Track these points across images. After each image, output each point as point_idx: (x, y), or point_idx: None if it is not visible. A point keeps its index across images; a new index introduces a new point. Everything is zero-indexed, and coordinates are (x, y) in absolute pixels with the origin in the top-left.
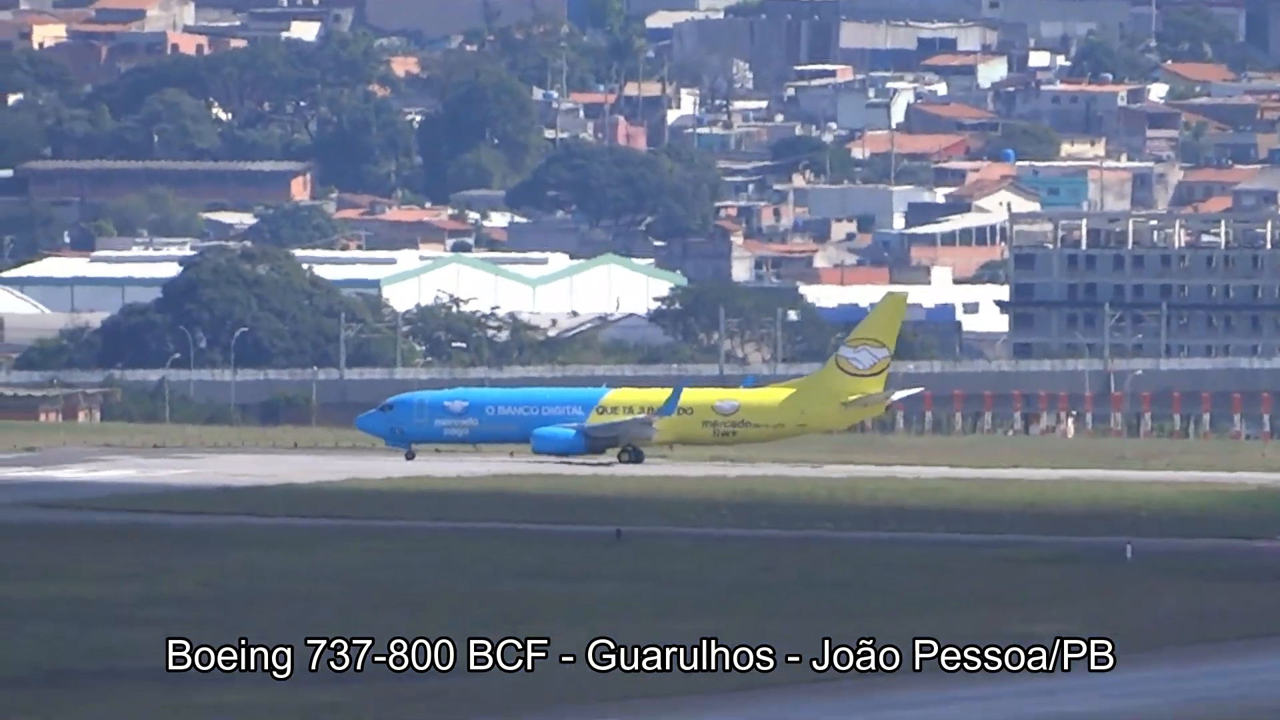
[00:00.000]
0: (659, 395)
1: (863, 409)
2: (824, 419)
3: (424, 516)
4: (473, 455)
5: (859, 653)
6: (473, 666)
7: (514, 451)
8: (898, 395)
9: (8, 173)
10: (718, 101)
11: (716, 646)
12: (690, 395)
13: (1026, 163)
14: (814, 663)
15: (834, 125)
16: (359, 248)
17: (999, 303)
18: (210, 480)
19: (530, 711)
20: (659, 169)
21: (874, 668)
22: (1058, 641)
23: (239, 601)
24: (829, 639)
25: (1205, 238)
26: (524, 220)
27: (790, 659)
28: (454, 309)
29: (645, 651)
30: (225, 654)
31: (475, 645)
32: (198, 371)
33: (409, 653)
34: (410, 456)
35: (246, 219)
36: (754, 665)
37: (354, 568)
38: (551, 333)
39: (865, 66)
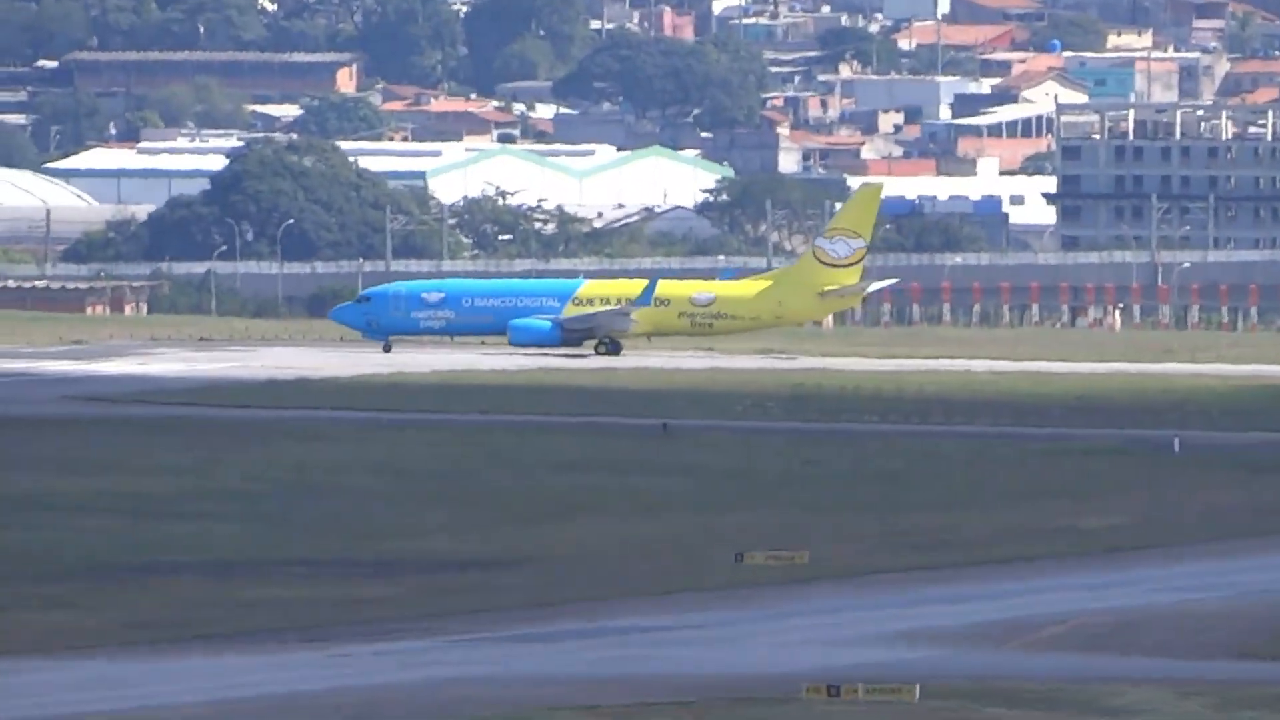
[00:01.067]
0: (635, 287)
1: (840, 299)
2: (801, 310)
3: (470, 410)
4: (501, 349)
5: (908, 545)
6: (517, 559)
7: (484, 342)
8: (874, 286)
9: (53, 64)
10: None
11: (759, 539)
12: (667, 287)
13: (1073, 53)
14: (862, 555)
15: (880, 16)
16: (405, 139)
17: (1046, 195)
18: (257, 374)
19: (576, 604)
20: (706, 60)
21: (922, 560)
22: (1106, 534)
23: (286, 495)
24: (877, 532)
25: (1252, 129)
26: (570, 111)
27: (837, 552)
28: (500, 201)
29: (691, 543)
30: (272, 547)
31: (523, 538)
32: (244, 264)
33: (454, 545)
34: (387, 349)
35: (292, 110)
36: (799, 558)
37: (401, 461)
38: (598, 225)
39: None
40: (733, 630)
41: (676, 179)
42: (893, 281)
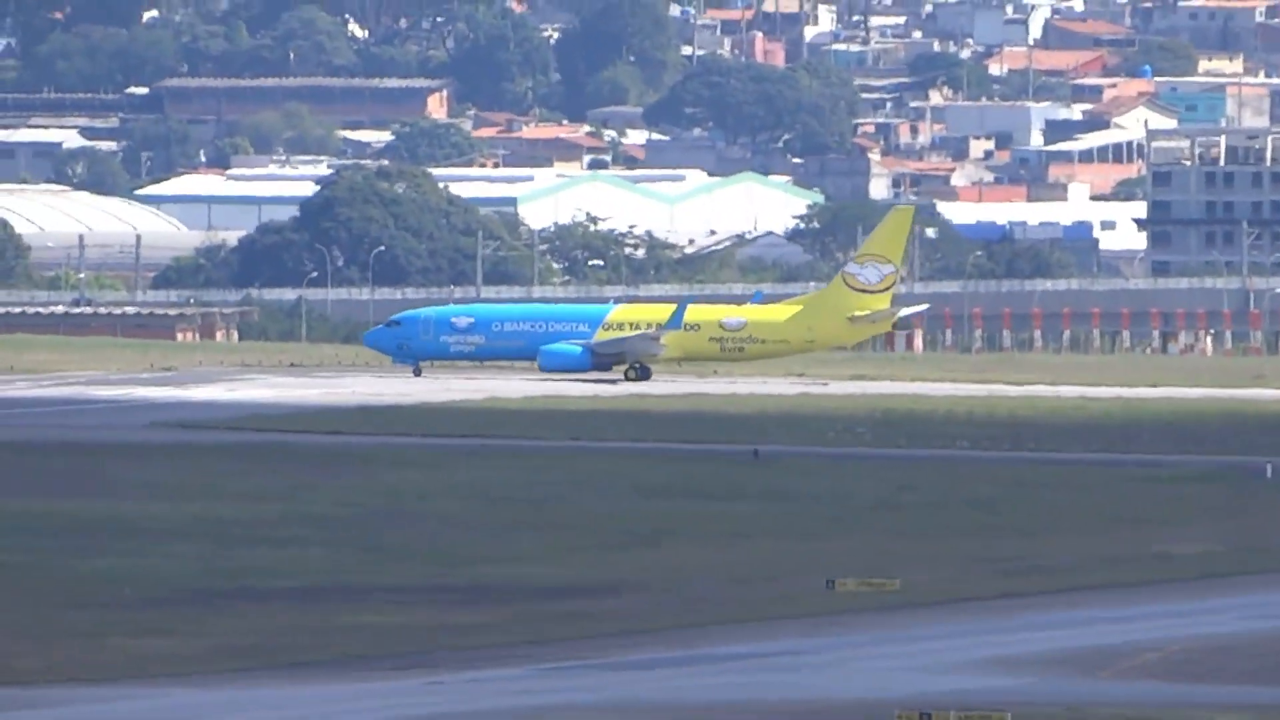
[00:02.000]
0: (666, 312)
1: (870, 325)
2: (831, 335)
3: (562, 436)
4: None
5: (999, 571)
6: (610, 585)
7: (514, 366)
8: (904, 311)
9: (144, 91)
10: (855, 17)
11: (857, 567)
12: (697, 312)
13: (1164, 79)
14: (954, 581)
15: (971, 41)
16: (496, 165)
17: (1137, 220)
18: (347, 400)
19: (669, 631)
20: (797, 86)
21: (1013, 586)
22: (1196, 561)
23: (377, 521)
24: (968, 558)
25: None
26: (661, 137)
27: (931, 579)
28: (591, 227)
29: (784, 571)
30: (364, 573)
31: (614, 564)
32: (334, 290)
33: (547, 571)
34: (418, 373)
35: (383, 136)
36: (890, 585)
37: (493, 487)
38: (689, 251)
39: None
40: (825, 657)
41: (767, 205)
42: (924, 307)
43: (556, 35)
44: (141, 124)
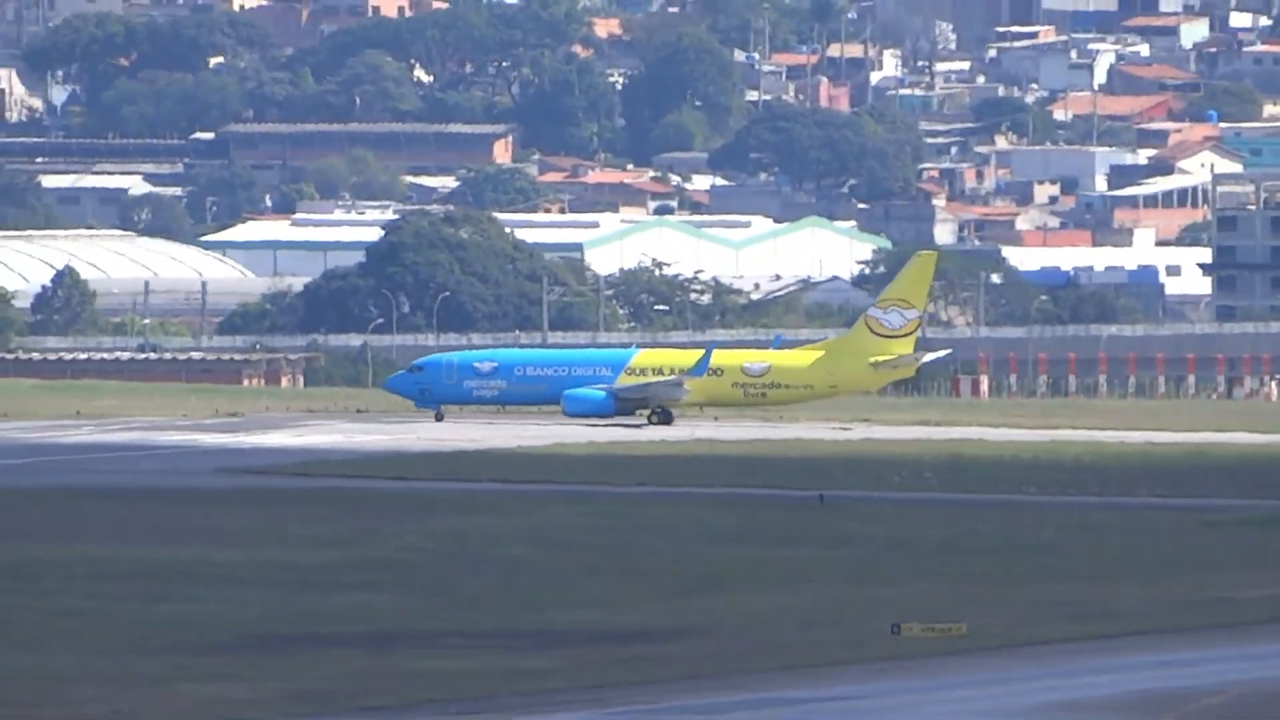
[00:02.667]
0: (689, 356)
1: (893, 370)
2: (855, 380)
3: (628, 481)
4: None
5: (1065, 615)
6: (676, 630)
7: (540, 410)
8: (927, 357)
9: (209, 136)
10: (920, 63)
11: (922, 611)
12: (720, 356)
13: (1229, 124)
14: (1020, 626)
15: (1036, 86)
16: (561, 210)
17: (1202, 265)
18: (414, 445)
19: (735, 675)
20: (861, 131)
21: (1080, 631)
22: (1261, 605)
23: (445, 566)
24: (1034, 602)
25: None
26: (727, 183)
27: (997, 623)
28: (656, 272)
29: (850, 615)
30: (431, 618)
31: (681, 609)
32: (400, 336)
33: (613, 617)
34: (439, 418)
35: (448, 182)
36: (956, 630)
37: (559, 532)
38: (754, 296)
39: (1067, 27)
40: (890, 701)
41: (833, 250)
42: (946, 353)
43: (622, 81)
44: (207, 170)
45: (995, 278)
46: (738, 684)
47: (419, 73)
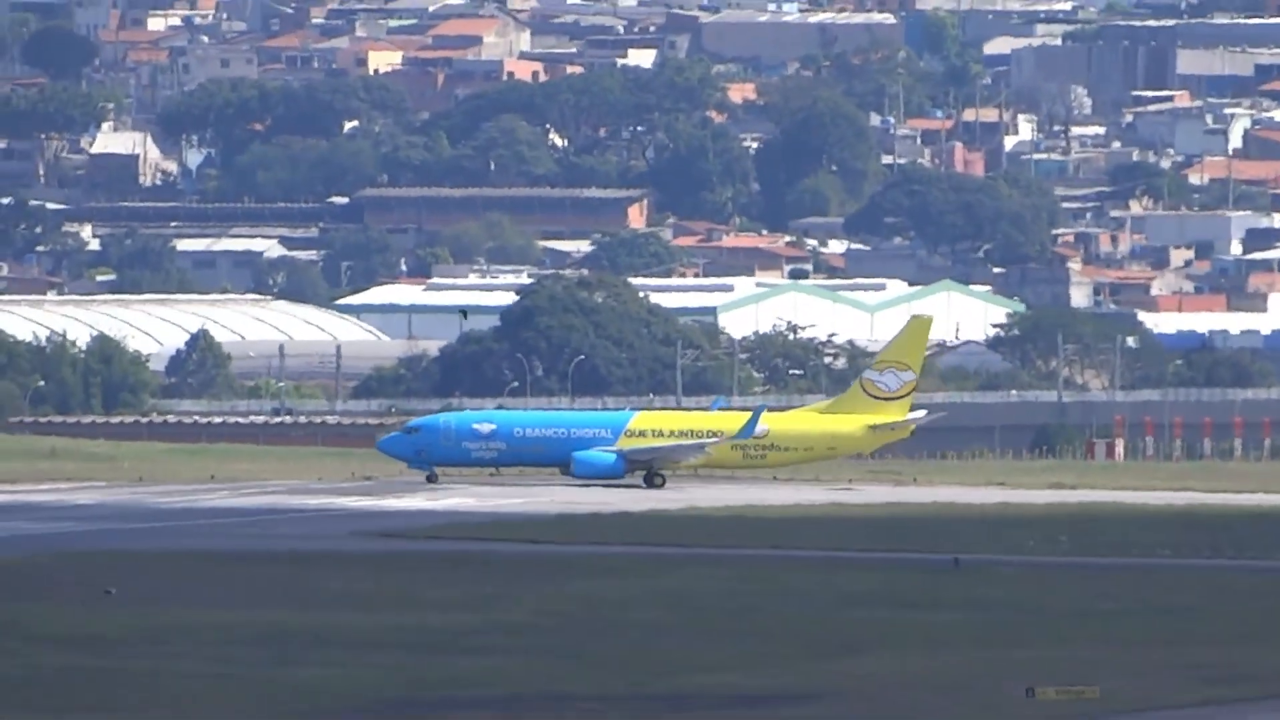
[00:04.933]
0: (681, 420)
1: (890, 432)
2: (853, 442)
3: (761, 544)
4: (794, 482)
5: (1199, 679)
6: (809, 694)
7: (540, 472)
8: (922, 420)
9: (344, 200)
10: (1055, 128)
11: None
12: (721, 420)
13: None
14: (1154, 689)
15: (1171, 151)
16: (696, 275)
17: None
18: (547, 508)
19: None
20: (997, 195)
21: (1213, 694)
22: None
23: (577, 629)
24: (1168, 665)
25: None
26: (862, 246)
27: (1130, 687)
28: (791, 336)
29: (984, 679)
30: (563, 682)
31: (814, 673)
32: (535, 400)
33: (746, 680)
34: (431, 479)
35: (583, 246)
36: (1090, 693)
37: (692, 595)
38: None
39: (1202, 92)
40: None
41: (968, 313)
42: (941, 415)
43: (756, 145)
44: (342, 234)
45: (1131, 341)
46: None
47: (554, 137)
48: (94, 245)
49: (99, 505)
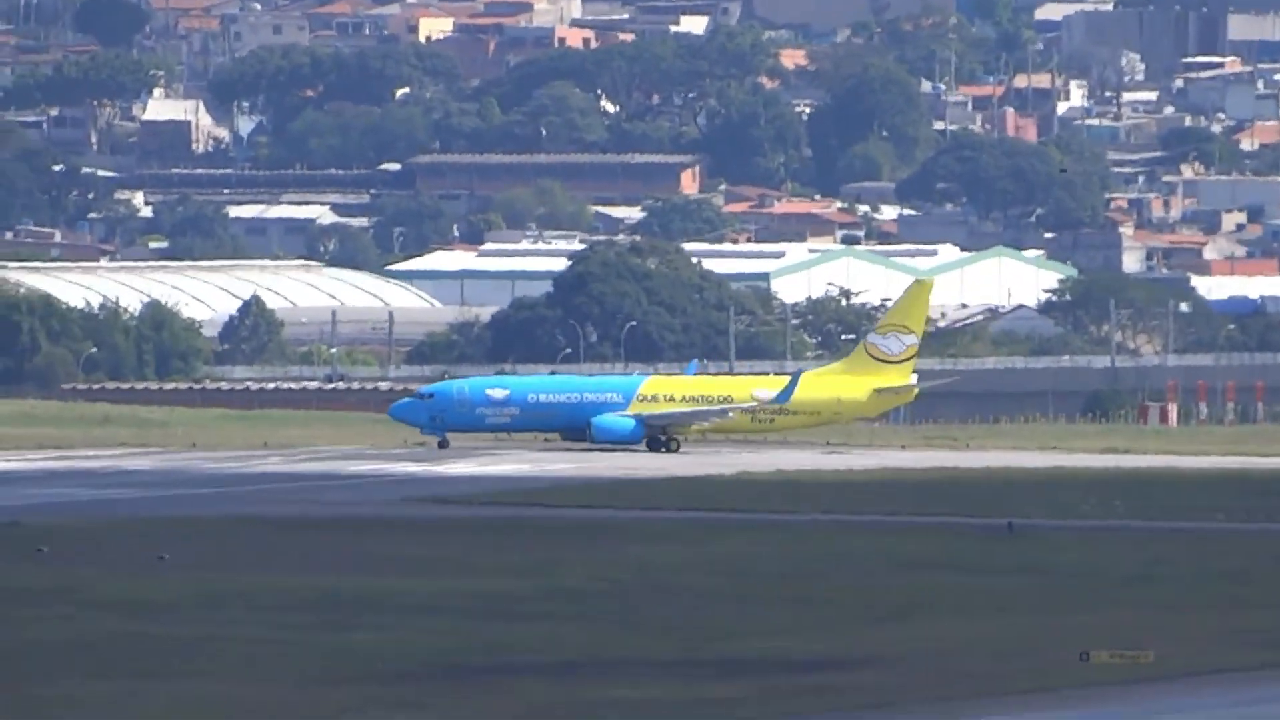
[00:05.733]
0: (691, 384)
1: (895, 396)
2: (858, 406)
3: (814, 509)
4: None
5: (1254, 643)
6: (862, 659)
7: (547, 440)
8: (927, 384)
9: (396, 167)
10: (1107, 93)
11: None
12: (729, 384)
13: None
14: (1208, 653)
15: (1223, 116)
16: (748, 240)
17: None
18: (602, 474)
19: (921, 704)
20: (1048, 160)
21: (1268, 658)
22: None
23: (631, 595)
24: (1223, 630)
25: None
26: (914, 212)
27: (1184, 651)
28: (843, 301)
29: (1038, 644)
30: (617, 647)
31: (867, 638)
32: (588, 365)
33: (799, 645)
34: (443, 445)
35: (634, 212)
36: (1144, 657)
37: (745, 561)
38: (941, 324)
39: (1253, 57)
40: None
41: (1020, 279)
42: (953, 379)
43: (808, 111)
44: (393, 200)
45: (1183, 306)
46: (924, 712)
47: (605, 104)
48: (146, 212)
49: (152, 471)
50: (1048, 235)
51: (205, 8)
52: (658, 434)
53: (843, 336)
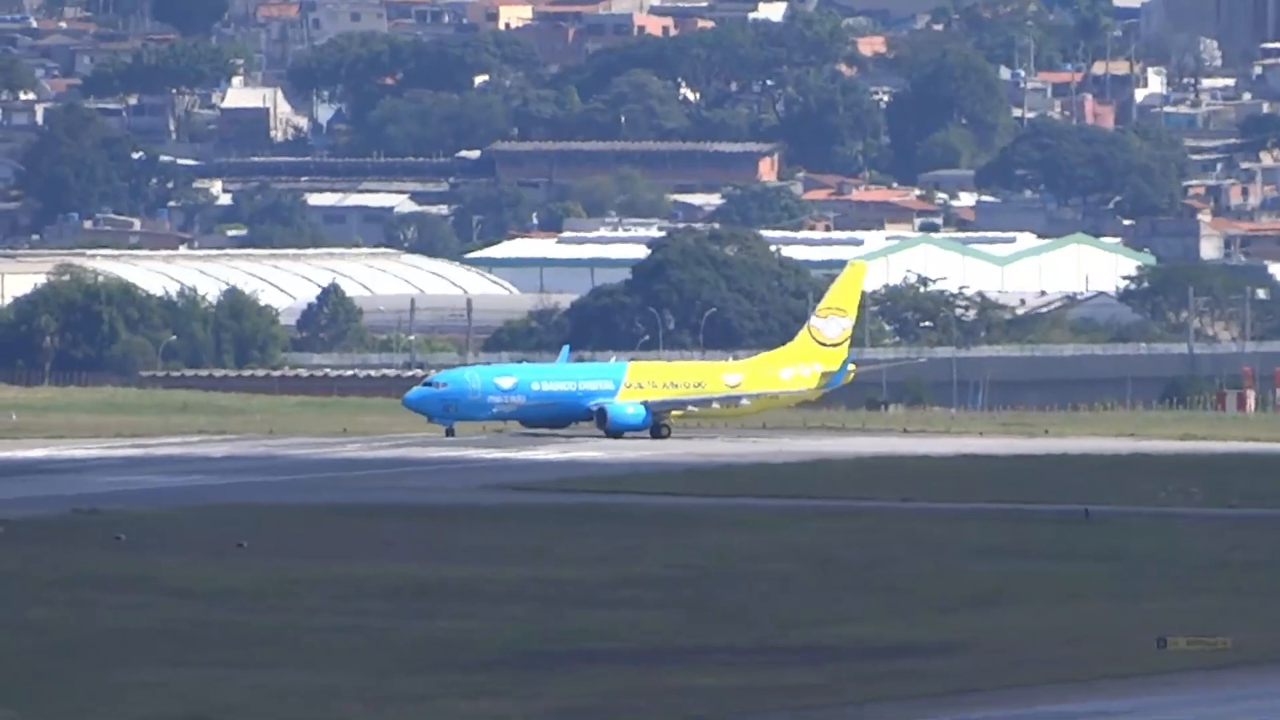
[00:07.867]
0: (672, 370)
1: (829, 378)
2: (806, 390)
3: (892, 495)
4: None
5: None
6: (940, 646)
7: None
8: (867, 367)
9: (475, 154)
10: (1185, 80)
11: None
12: (701, 371)
13: None
14: None
15: None
16: (827, 228)
17: None
18: (680, 459)
19: (999, 690)
20: (1127, 147)
21: None
22: None
23: (709, 582)
24: None
25: None
26: (992, 199)
27: (1262, 638)
28: (922, 289)
29: (1115, 631)
30: (695, 635)
31: (944, 625)
32: (666, 353)
33: (878, 632)
34: (451, 433)
35: (713, 200)
36: (1222, 644)
37: (823, 547)
38: (1020, 312)
39: None
40: (1156, 716)
41: (1098, 266)
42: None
43: (887, 99)
44: (472, 187)
45: (1261, 293)
46: (1002, 699)
47: (685, 91)
48: (225, 200)
49: (231, 458)
50: (1126, 222)
51: None
52: (659, 421)
53: (921, 324)
